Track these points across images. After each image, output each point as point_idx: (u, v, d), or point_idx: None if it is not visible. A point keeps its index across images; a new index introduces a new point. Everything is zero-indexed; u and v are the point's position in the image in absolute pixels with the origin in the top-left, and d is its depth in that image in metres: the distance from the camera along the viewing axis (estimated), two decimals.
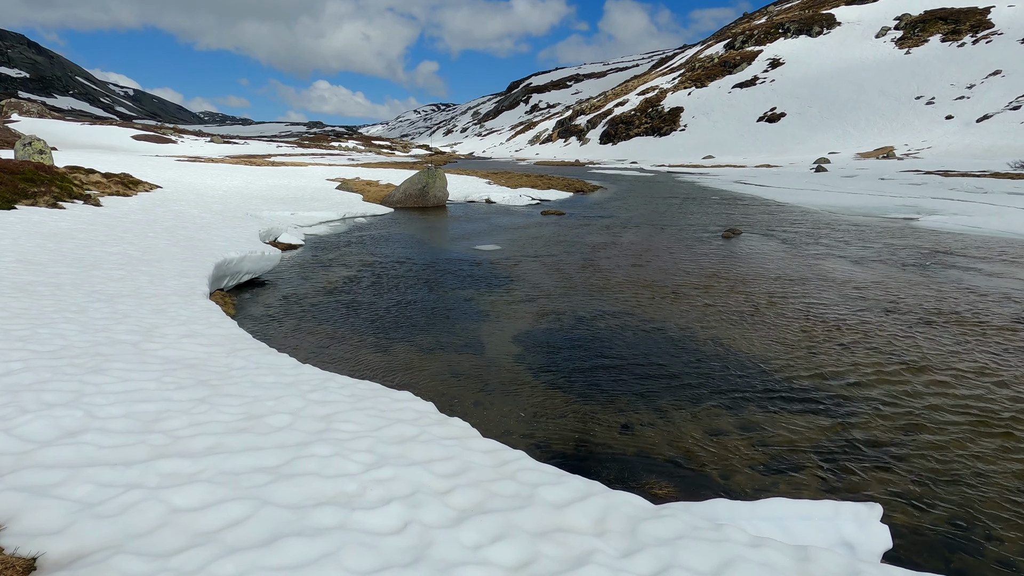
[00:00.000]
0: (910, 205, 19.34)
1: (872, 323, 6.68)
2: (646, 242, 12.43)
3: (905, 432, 4.18)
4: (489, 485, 2.39)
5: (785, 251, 11.37)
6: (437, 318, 6.76)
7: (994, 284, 8.68)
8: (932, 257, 10.73)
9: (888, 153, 51.33)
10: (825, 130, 66.06)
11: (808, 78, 77.70)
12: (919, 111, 61.96)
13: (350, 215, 15.64)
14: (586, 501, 2.29)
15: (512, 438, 4.09)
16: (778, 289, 8.27)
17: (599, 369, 5.33)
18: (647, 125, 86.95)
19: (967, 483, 3.56)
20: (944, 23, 74.08)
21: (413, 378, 5.01)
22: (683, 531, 2.13)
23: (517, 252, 10.95)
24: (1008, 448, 3.96)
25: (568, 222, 15.75)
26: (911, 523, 3.18)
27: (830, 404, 4.62)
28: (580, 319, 6.80)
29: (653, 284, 8.53)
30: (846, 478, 3.62)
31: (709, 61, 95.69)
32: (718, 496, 3.37)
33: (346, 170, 31.65)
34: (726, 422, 4.34)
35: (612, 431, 4.22)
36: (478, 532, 2.06)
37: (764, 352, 5.75)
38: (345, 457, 2.53)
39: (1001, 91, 57.23)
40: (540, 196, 22.48)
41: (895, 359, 5.56)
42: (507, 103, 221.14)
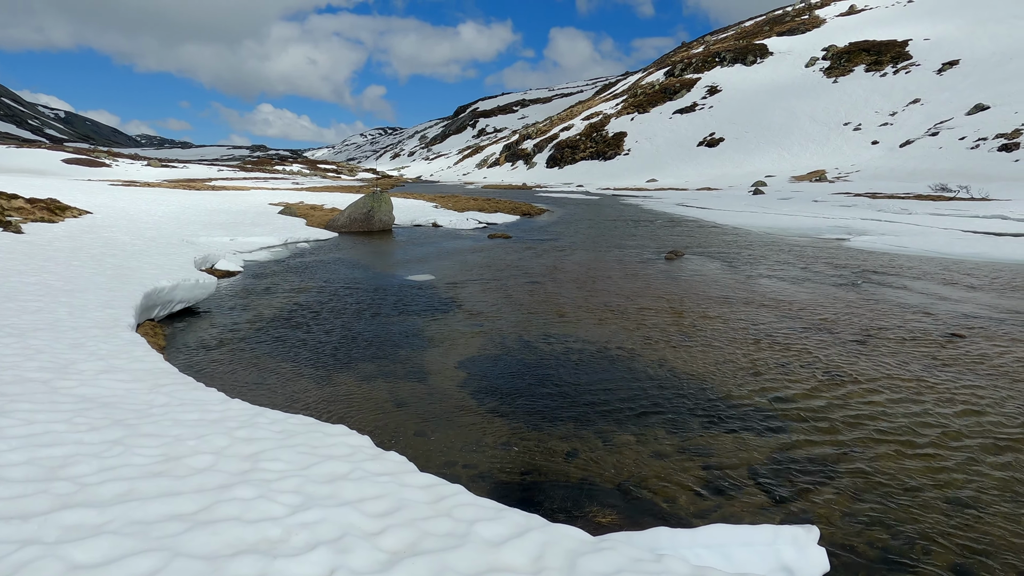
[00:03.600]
0: (842, 226, 20.16)
1: (809, 341, 6.85)
2: (591, 265, 12.54)
3: (841, 449, 4.26)
4: (423, 524, 2.28)
5: (726, 272, 11.63)
6: (380, 346, 6.60)
7: (920, 301, 9.06)
8: (863, 276, 11.15)
9: (820, 176, 53.63)
10: (761, 154, 68.68)
11: (744, 105, 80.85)
12: (847, 136, 65.11)
13: (293, 240, 15.29)
14: (524, 537, 2.21)
15: (454, 469, 3.98)
16: (719, 310, 8.42)
17: (545, 394, 5.28)
18: (592, 149, 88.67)
19: (901, 499, 3.63)
20: (867, 54, 78.41)
21: (352, 410, 4.85)
22: (623, 565, 2.07)
23: (463, 276, 10.87)
24: (939, 461, 4.07)
25: (515, 245, 15.79)
26: (848, 542, 3.21)
27: (770, 423, 4.68)
28: (526, 344, 6.75)
29: (598, 307, 8.57)
30: (786, 498, 3.65)
31: (650, 88, 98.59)
32: (661, 522, 3.33)
33: (290, 194, 31.06)
34: (670, 445, 4.33)
35: (557, 458, 4.16)
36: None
37: (706, 373, 5.80)
38: (270, 499, 2.38)
39: (920, 118, 60.72)
40: (487, 219, 22.51)
41: (831, 377, 5.69)
42: (454, 127, 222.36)
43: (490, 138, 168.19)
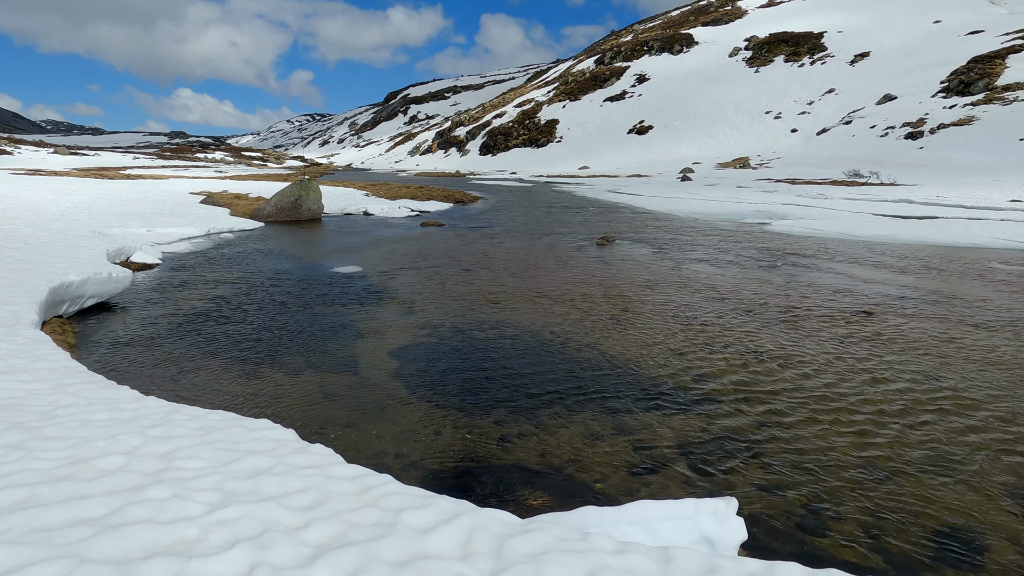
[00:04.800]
0: (764, 211, 20.99)
1: (732, 322, 7.11)
2: (524, 251, 12.60)
3: (762, 423, 4.44)
4: (350, 515, 2.24)
5: (655, 257, 11.92)
6: (309, 339, 6.43)
7: (834, 281, 9.55)
8: (783, 258, 11.65)
9: (744, 163, 55.60)
10: (689, 141, 70.59)
11: (672, 93, 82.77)
12: (769, 124, 67.69)
13: (215, 231, 14.69)
14: (452, 523, 2.21)
15: (386, 459, 3.94)
16: (648, 293, 8.62)
17: (478, 381, 5.28)
18: (525, 136, 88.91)
19: (816, 467, 3.82)
20: (786, 45, 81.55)
21: (278, 404, 4.71)
22: (549, 545, 2.09)
23: (395, 265, 10.72)
24: (850, 430, 4.30)
25: (448, 233, 15.68)
26: (767, 512, 3.36)
27: (696, 401, 4.83)
28: (459, 332, 6.72)
29: (531, 293, 8.62)
30: (710, 472, 3.78)
31: (581, 75, 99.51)
32: (592, 502, 3.39)
33: (212, 183, 29.81)
34: (600, 426, 4.41)
35: (489, 444, 4.17)
36: (333, 569, 1.91)
37: (636, 355, 5.94)
38: (186, 498, 2.28)
39: (835, 107, 63.74)
40: (420, 207, 22.27)
41: (752, 355, 5.93)
42: (385, 114, 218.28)
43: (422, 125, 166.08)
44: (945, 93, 54.22)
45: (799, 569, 2.12)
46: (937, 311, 7.66)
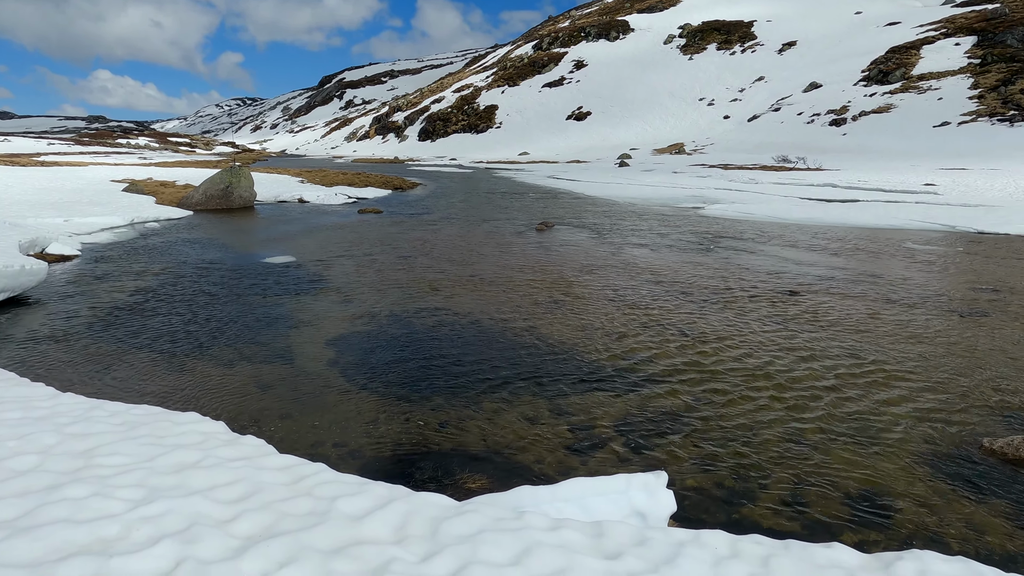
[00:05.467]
0: (698, 195, 21.55)
1: (667, 303, 7.29)
2: (465, 238, 12.56)
3: (694, 400, 4.59)
4: (281, 505, 2.20)
5: (593, 241, 12.08)
6: (241, 329, 6.25)
7: (764, 262, 9.91)
8: (716, 241, 12.01)
9: (679, 149, 56.85)
10: (626, 128, 71.63)
11: (609, 79, 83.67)
12: (702, 111, 69.36)
13: (140, 220, 14.03)
14: (387, 508, 2.20)
15: (323, 449, 3.88)
16: (587, 277, 8.74)
17: (417, 368, 5.25)
18: (464, 122, 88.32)
19: (745, 442, 3.98)
20: (718, 33, 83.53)
21: (209, 397, 4.57)
22: (485, 525, 2.11)
23: (332, 253, 10.51)
24: (777, 404, 4.49)
25: (386, 220, 15.47)
26: (698, 485, 3.48)
27: (632, 381, 4.94)
28: (398, 319, 6.66)
29: (471, 279, 8.61)
30: (645, 450, 3.88)
31: (519, 61, 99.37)
32: (530, 483, 3.44)
33: (136, 170, 28.44)
34: (539, 408, 4.47)
35: (428, 429, 4.16)
36: (264, 560, 1.88)
37: (574, 337, 6.02)
38: (107, 496, 2.19)
39: (765, 95, 65.82)
40: (357, 194, 21.85)
41: (686, 335, 6.10)
42: (320, 98, 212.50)
43: (359, 110, 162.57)
44: (866, 82, 56.75)
45: (724, 536, 2.21)
46: (858, 290, 8.05)
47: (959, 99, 48.01)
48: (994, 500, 3.33)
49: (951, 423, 4.21)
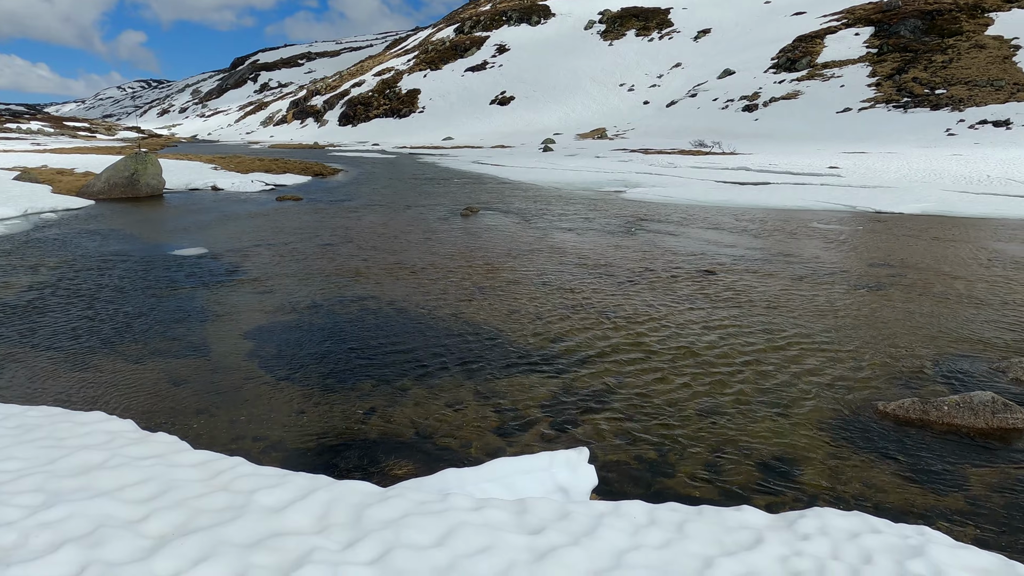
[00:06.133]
0: (620, 179, 22.01)
1: (590, 285, 7.44)
2: (388, 224, 12.37)
3: (616, 378, 4.72)
4: (196, 502, 2.13)
5: (518, 226, 12.16)
6: (151, 324, 5.95)
7: (682, 244, 10.26)
8: (637, 224, 12.31)
9: (602, 134, 57.79)
10: (549, 113, 72.14)
11: (531, 64, 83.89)
12: (623, 96, 70.68)
13: (35, 211, 13.07)
14: (309, 498, 2.16)
15: (243, 443, 3.76)
16: (512, 261, 8.80)
17: (341, 357, 5.15)
18: (386, 107, 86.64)
19: (665, 416, 4.13)
20: (637, 19, 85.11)
21: (116, 395, 4.34)
22: (409, 509, 2.11)
23: (249, 242, 10.13)
24: (695, 379, 4.68)
25: (306, 207, 15.03)
26: (620, 459, 3.60)
27: (556, 362, 5.03)
28: (320, 308, 6.51)
29: (395, 265, 8.51)
30: (569, 428, 3.97)
31: (441, 44, 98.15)
32: (456, 466, 3.46)
33: (29, 157, 26.44)
34: (466, 393, 4.48)
35: (354, 418, 4.11)
36: (178, 558, 1.81)
37: (500, 322, 6.06)
38: (1, 504, 2.05)
39: (682, 81, 67.70)
40: (275, 181, 21.10)
41: (609, 315, 6.25)
42: (233, 81, 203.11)
43: (275, 93, 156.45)
44: (775, 69, 59.26)
45: (642, 506, 2.30)
46: (770, 268, 8.47)
47: (859, 86, 50.92)
48: (886, 459, 3.61)
49: (852, 390, 4.51)
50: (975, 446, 3.74)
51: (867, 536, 2.22)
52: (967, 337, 5.64)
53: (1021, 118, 37.74)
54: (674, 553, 1.99)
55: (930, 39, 53.02)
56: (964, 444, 3.76)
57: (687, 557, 1.98)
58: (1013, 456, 3.62)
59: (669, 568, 1.91)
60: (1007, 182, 18.26)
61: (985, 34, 50.93)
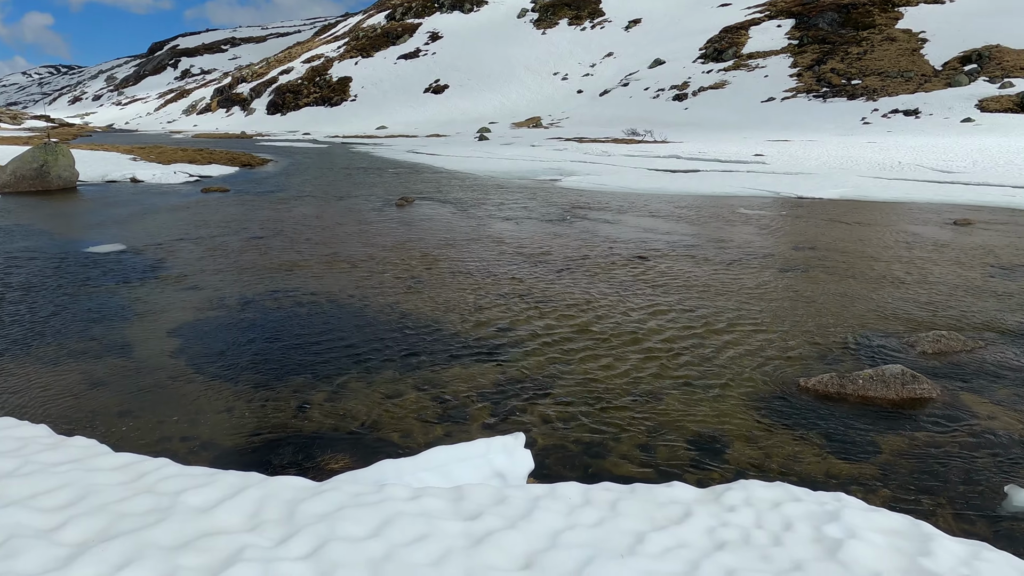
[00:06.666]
0: (555, 168, 22.18)
1: (526, 273, 7.49)
2: (321, 215, 12.10)
3: (554, 364, 4.78)
4: (118, 506, 2.04)
5: (455, 215, 12.10)
6: (65, 324, 5.64)
7: (615, 231, 10.45)
8: (572, 212, 12.46)
9: (537, 122, 58.03)
10: (485, 102, 71.86)
11: (465, 52, 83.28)
12: (557, 85, 71.12)
13: None
14: (239, 496, 2.11)
15: (171, 444, 3.63)
16: (449, 251, 8.76)
17: (273, 352, 5.02)
18: (316, 95, 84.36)
19: (601, 399, 4.22)
20: (569, 8, 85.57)
21: (28, 399, 4.10)
22: (344, 501, 2.09)
23: (172, 237, 9.71)
24: (629, 363, 4.79)
25: (234, 199, 14.51)
26: (557, 443, 3.66)
27: (494, 351, 5.05)
28: (250, 303, 6.32)
29: (329, 258, 8.33)
30: (507, 415, 4.01)
31: (372, 31, 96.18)
32: (393, 458, 3.44)
33: None
34: (403, 384, 4.45)
35: (287, 414, 4.02)
36: (99, 564, 1.74)
37: (437, 312, 6.04)
38: None
39: (615, 70, 68.63)
40: (200, 172, 20.27)
41: (545, 303, 6.32)
42: (151, 67, 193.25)
43: (198, 80, 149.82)
44: (703, 59, 60.83)
45: (577, 487, 2.35)
46: (700, 253, 8.73)
47: (782, 77, 52.88)
48: (808, 431, 3.80)
49: (777, 368, 4.72)
50: (887, 416, 3.99)
51: (788, 504, 2.34)
52: (881, 315, 5.99)
53: (928, 107, 40.08)
54: (607, 531, 2.05)
55: (846, 31, 55.53)
56: (877, 414, 4.01)
57: (620, 534, 2.04)
58: (920, 424, 3.88)
59: (602, 545, 1.96)
60: (916, 168, 19.38)
61: (896, 27, 53.72)
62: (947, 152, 22.80)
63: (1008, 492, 3.09)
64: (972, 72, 43.02)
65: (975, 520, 2.96)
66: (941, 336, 5.12)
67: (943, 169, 18.76)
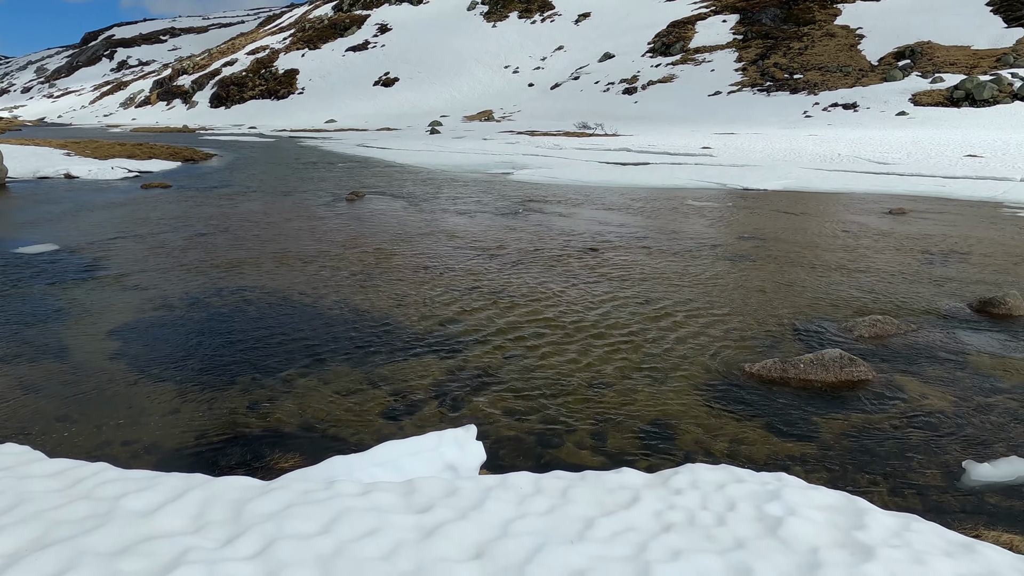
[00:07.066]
0: (507, 161, 22.19)
1: (479, 266, 7.49)
2: (269, 211, 11.83)
3: (507, 356, 4.80)
4: (53, 513, 1.97)
5: (406, 209, 12.00)
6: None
7: (569, 223, 10.53)
8: (524, 205, 12.50)
9: (488, 116, 57.88)
10: (436, 95, 71.27)
11: (415, 45, 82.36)
12: (508, 79, 71.04)
13: None
14: (183, 498, 2.06)
15: (111, 449, 3.51)
16: (399, 246, 8.68)
17: (222, 351, 4.90)
18: (263, 87, 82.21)
19: (554, 389, 4.26)
20: (519, 2, 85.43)
21: None
22: (292, 499, 2.07)
23: (111, 235, 9.36)
24: (580, 354, 4.85)
25: (176, 195, 14.05)
26: (509, 434, 3.68)
27: (447, 344, 5.05)
28: (195, 301, 6.14)
29: (277, 254, 8.16)
30: (460, 408, 4.01)
31: (320, 22, 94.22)
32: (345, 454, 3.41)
33: None
34: (355, 380, 4.40)
35: (236, 414, 3.93)
36: (33, 574, 1.68)
37: (389, 306, 5.98)
38: None
39: (565, 63, 68.94)
40: (140, 167, 19.54)
41: (498, 295, 6.33)
42: (85, 58, 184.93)
43: (136, 72, 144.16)
44: (652, 53, 61.65)
45: (528, 476, 2.37)
46: (650, 243, 8.87)
47: (728, 71, 54.02)
48: (752, 415, 3.92)
49: (723, 354, 4.84)
50: (827, 398, 4.15)
51: (732, 486, 2.41)
52: (822, 301, 6.21)
53: (866, 101, 41.57)
54: (557, 518, 2.08)
55: (788, 27, 57.06)
56: (817, 397, 4.16)
57: (570, 520, 2.07)
58: (857, 405, 4.05)
59: (553, 532, 1.99)
60: (855, 159, 20.11)
61: (835, 23, 55.48)
62: (883, 144, 23.73)
63: (966, 467, 3.26)
64: (906, 67, 44.81)
65: (907, 494, 3.11)
66: (877, 320, 5.34)
67: (879, 161, 19.52)
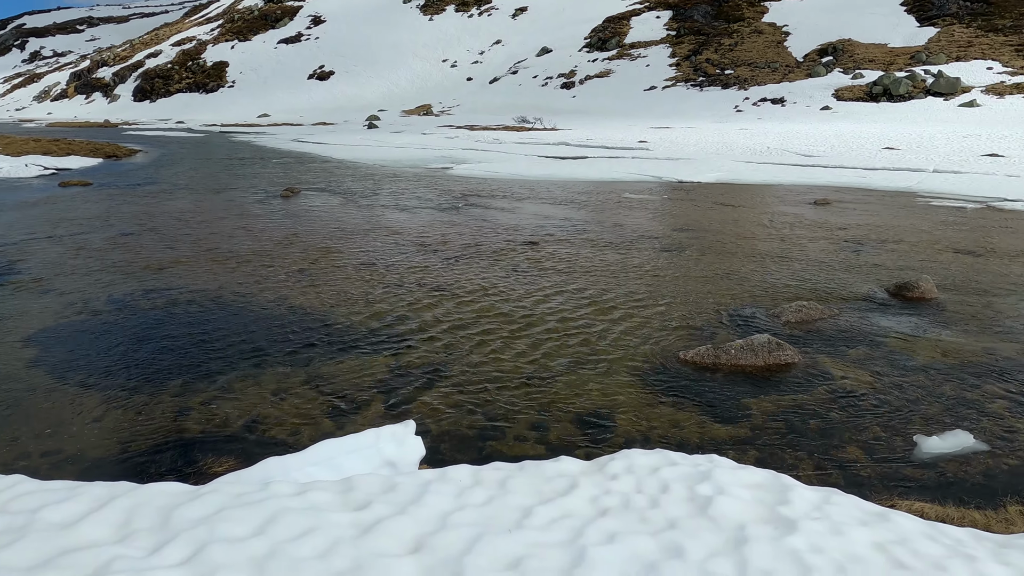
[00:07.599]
0: (447, 156, 22.06)
1: (419, 262, 7.44)
2: (199, 209, 11.41)
3: (447, 351, 4.80)
4: None
5: (343, 206, 11.79)
6: None
7: (509, 218, 10.57)
8: (464, 200, 12.46)
9: (427, 110, 57.38)
10: (373, 89, 70.14)
11: (350, 38, 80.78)
12: (447, 73, 70.57)
13: None
14: (107, 507, 1.98)
15: (30, 461, 3.34)
16: (337, 243, 8.53)
17: (150, 355, 4.72)
18: (190, 80, 79.09)
19: (494, 382, 4.28)
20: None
21: None
22: (225, 503, 2.02)
23: (25, 236, 8.85)
24: (521, 346, 4.89)
25: (97, 193, 13.38)
26: (450, 428, 3.69)
27: (386, 342, 5.00)
28: (120, 304, 5.88)
29: (208, 253, 7.89)
30: (400, 404, 3.99)
31: (249, 13, 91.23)
32: None
33: None
34: (291, 381, 4.32)
35: (166, 419, 3.80)
36: None
37: (327, 305, 5.88)
38: None
39: (503, 58, 68.97)
40: (57, 164, 18.51)
41: (438, 291, 6.31)
42: None
43: (50, 64, 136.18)
44: (588, 48, 62.34)
45: (467, 469, 2.39)
46: (588, 236, 9.00)
47: (662, 66, 55.17)
48: (687, 400, 4.05)
49: (659, 343, 4.97)
50: (756, 381, 4.32)
51: (666, 469, 2.49)
52: (752, 289, 6.44)
53: (793, 96, 43.20)
54: (496, 508, 2.10)
55: (719, 24, 58.69)
56: (748, 380, 4.33)
57: (508, 510, 2.10)
58: (784, 387, 4.23)
59: (491, 522, 2.01)
60: (783, 152, 20.90)
61: (762, 21, 57.38)
62: (809, 138, 24.74)
63: (917, 441, 3.46)
64: (829, 64, 46.79)
65: (830, 469, 3.28)
66: (803, 306, 5.58)
67: (805, 153, 20.34)
